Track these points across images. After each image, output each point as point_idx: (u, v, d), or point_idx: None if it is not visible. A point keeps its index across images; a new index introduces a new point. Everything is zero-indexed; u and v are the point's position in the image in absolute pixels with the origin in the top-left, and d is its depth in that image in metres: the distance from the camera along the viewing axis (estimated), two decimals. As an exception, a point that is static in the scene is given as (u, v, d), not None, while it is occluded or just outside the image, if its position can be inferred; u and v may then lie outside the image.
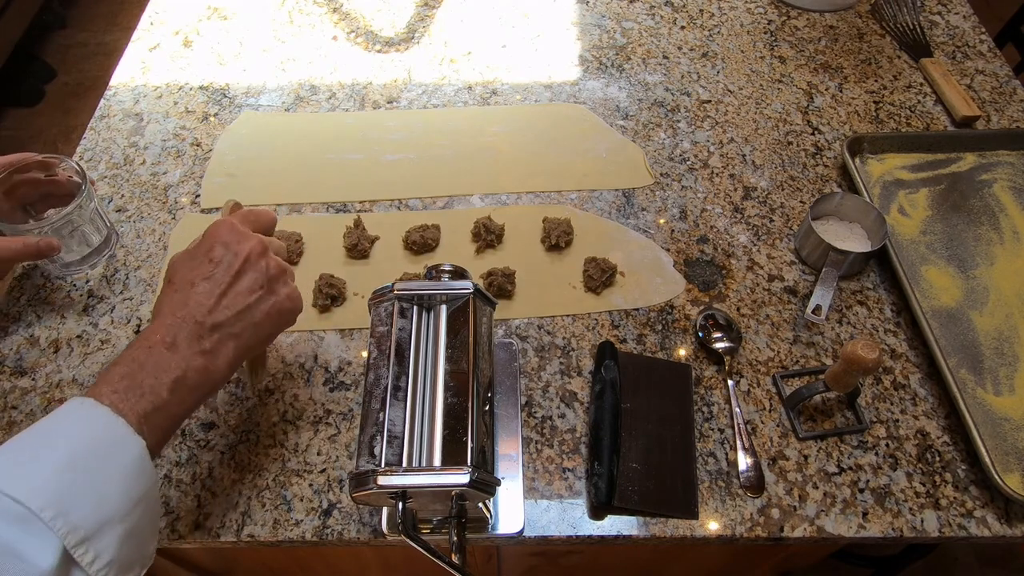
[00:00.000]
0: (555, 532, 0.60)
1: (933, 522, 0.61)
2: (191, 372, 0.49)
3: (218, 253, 0.53)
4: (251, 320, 0.53)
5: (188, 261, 0.53)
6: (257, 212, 0.59)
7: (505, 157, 0.87)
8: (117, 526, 0.43)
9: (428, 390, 0.52)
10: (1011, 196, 0.82)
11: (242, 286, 0.53)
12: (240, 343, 0.52)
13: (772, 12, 1.04)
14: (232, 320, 0.52)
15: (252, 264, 0.53)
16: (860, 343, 0.58)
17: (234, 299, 0.52)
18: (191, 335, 0.50)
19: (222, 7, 1.05)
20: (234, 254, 0.53)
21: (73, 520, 0.40)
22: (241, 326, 0.52)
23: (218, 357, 0.51)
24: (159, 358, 0.48)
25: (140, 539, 0.45)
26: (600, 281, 0.74)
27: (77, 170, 0.71)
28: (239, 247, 0.53)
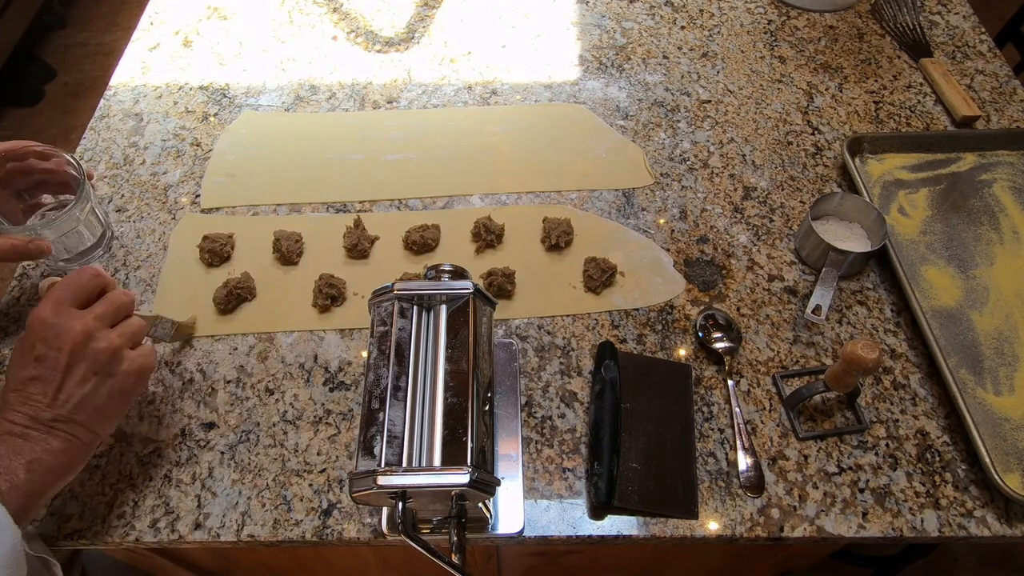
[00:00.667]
0: (555, 532, 0.60)
1: (933, 522, 0.61)
2: (47, 454, 0.50)
3: (40, 351, 0.52)
4: (95, 404, 0.53)
5: (18, 359, 0.53)
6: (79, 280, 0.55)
7: (505, 157, 0.87)
8: None
9: (428, 390, 0.52)
10: (1011, 196, 0.82)
11: (74, 379, 0.52)
12: (90, 427, 0.53)
13: (772, 12, 1.04)
14: (75, 410, 0.52)
15: (79, 355, 0.52)
16: (860, 343, 0.58)
17: (70, 393, 0.52)
18: (40, 429, 0.51)
19: (222, 7, 1.05)
20: (57, 349, 0.52)
21: None
22: (86, 413, 0.53)
23: (73, 443, 0.52)
24: (11, 445, 0.50)
25: None
26: (600, 281, 0.74)
27: (75, 165, 0.69)
28: (60, 341, 0.52)
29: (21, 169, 0.68)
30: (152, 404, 0.67)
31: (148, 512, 0.61)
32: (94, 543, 0.60)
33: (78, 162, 0.70)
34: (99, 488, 0.62)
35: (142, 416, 0.66)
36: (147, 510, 0.61)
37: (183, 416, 0.66)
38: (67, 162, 0.70)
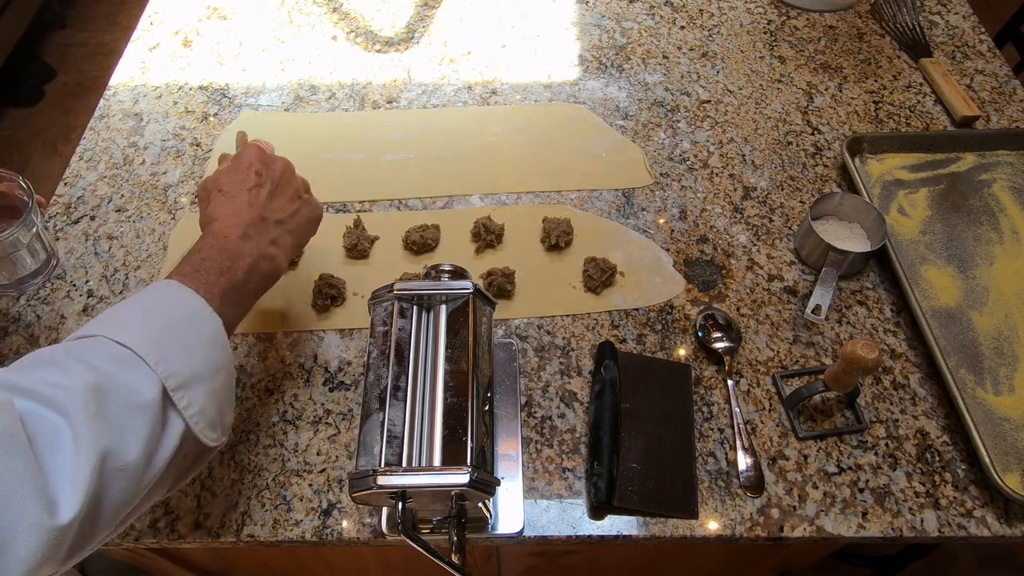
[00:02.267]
0: (555, 532, 0.60)
1: (933, 522, 0.61)
2: (262, 260, 0.56)
3: (260, 168, 0.60)
4: (297, 221, 0.61)
5: (232, 175, 0.59)
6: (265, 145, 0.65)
7: (505, 157, 0.87)
8: (204, 383, 0.49)
9: (428, 390, 0.52)
10: (1011, 196, 0.82)
11: (286, 195, 0.61)
12: (294, 239, 0.61)
13: (772, 12, 1.04)
14: (288, 219, 0.60)
15: (288, 179, 0.62)
16: (860, 343, 0.58)
17: (283, 204, 0.60)
18: (260, 228, 0.57)
19: (222, 7, 1.05)
20: (273, 170, 0.61)
21: (171, 368, 0.46)
22: (294, 223, 0.61)
23: (282, 248, 0.59)
24: (236, 247, 0.55)
25: (220, 403, 0.51)
26: (600, 281, 0.74)
27: (26, 190, 0.68)
28: (274, 166, 0.61)
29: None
30: (152, 404, 0.67)
31: (148, 512, 0.61)
32: (94, 543, 0.60)
33: (30, 188, 0.68)
34: (99, 488, 0.62)
35: (142, 416, 0.66)
36: (147, 511, 0.61)
37: (183, 416, 0.66)
38: (19, 186, 0.69)
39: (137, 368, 0.45)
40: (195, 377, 0.48)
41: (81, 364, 0.44)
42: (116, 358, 0.45)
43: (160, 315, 0.49)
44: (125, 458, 0.43)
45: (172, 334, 0.48)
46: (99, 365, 0.44)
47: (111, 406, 0.43)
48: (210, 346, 0.50)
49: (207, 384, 0.49)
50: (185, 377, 0.47)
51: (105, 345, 0.46)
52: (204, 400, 0.48)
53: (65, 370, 0.43)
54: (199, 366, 0.48)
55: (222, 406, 0.51)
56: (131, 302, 0.51)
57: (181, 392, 0.47)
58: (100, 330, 0.47)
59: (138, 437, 0.44)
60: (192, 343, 0.49)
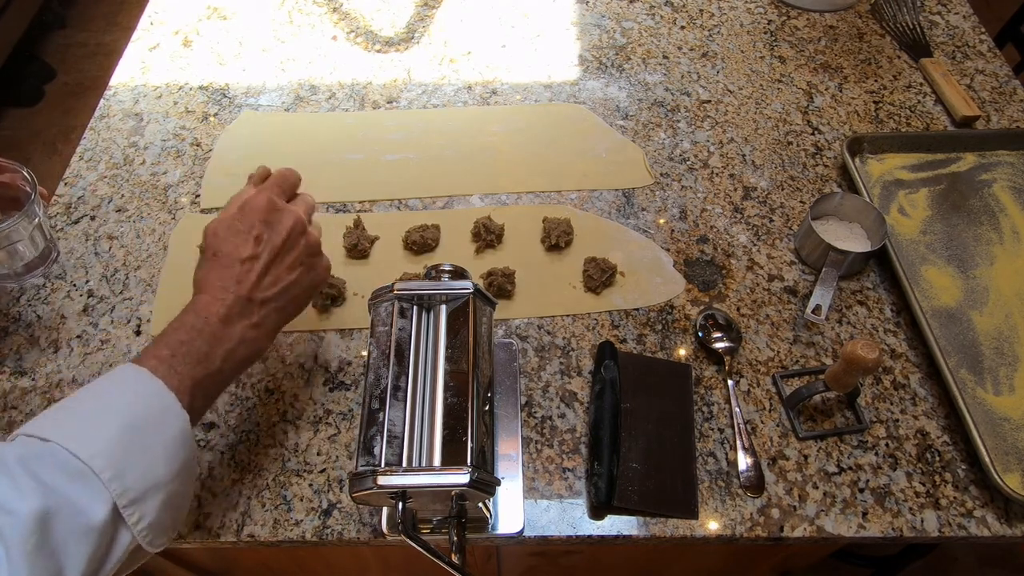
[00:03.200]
0: (555, 532, 0.60)
1: (933, 522, 0.61)
2: (242, 345, 0.53)
3: (261, 231, 0.55)
4: (292, 294, 0.57)
5: (232, 236, 0.55)
6: (285, 175, 0.60)
7: (505, 157, 0.87)
8: (160, 492, 0.46)
9: (428, 390, 0.52)
10: (1011, 196, 0.82)
11: (285, 264, 0.56)
12: (283, 315, 0.57)
13: (772, 12, 1.04)
14: (278, 295, 0.55)
15: (293, 242, 0.56)
16: (860, 343, 0.58)
17: (278, 276, 0.55)
18: (243, 310, 0.53)
19: (222, 7, 1.05)
20: (276, 233, 0.55)
21: (126, 483, 0.44)
22: (285, 299, 0.56)
23: (266, 329, 0.55)
24: (215, 330, 0.52)
25: (176, 506, 0.49)
26: (600, 281, 0.74)
27: (29, 181, 0.68)
28: (280, 225, 0.56)
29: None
30: (152, 404, 0.67)
31: (148, 512, 0.61)
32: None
33: (33, 179, 0.68)
34: (99, 488, 0.62)
35: (142, 416, 0.66)
36: (147, 510, 0.61)
37: (183, 416, 0.66)
38: (23, 177, 0.68)
39: (89, 484, 0.43)
40: (153, 488, 0.46)
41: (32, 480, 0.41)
42: (69, 473, 0.43)
43: (122, 415, 0.46)
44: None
45: (134, 440, 0.45)
46: (50, 482, 0.42)
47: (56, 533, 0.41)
48: (174, 448, 0.47)
49: (164, 492, 0.46)
50: (140, 491, 0.45)
51: (59, 456, 0.43)
52: (157, 512, 0.46)
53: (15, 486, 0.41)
54: (159, 474, 0.46)
55: (176, 512, 0.49)
56: (94, 395, 0.48)
57: (133, 508, 0.44)
58: (56, 434, 0.44)
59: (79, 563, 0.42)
60: (155, 448, 0.46)
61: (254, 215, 0.55)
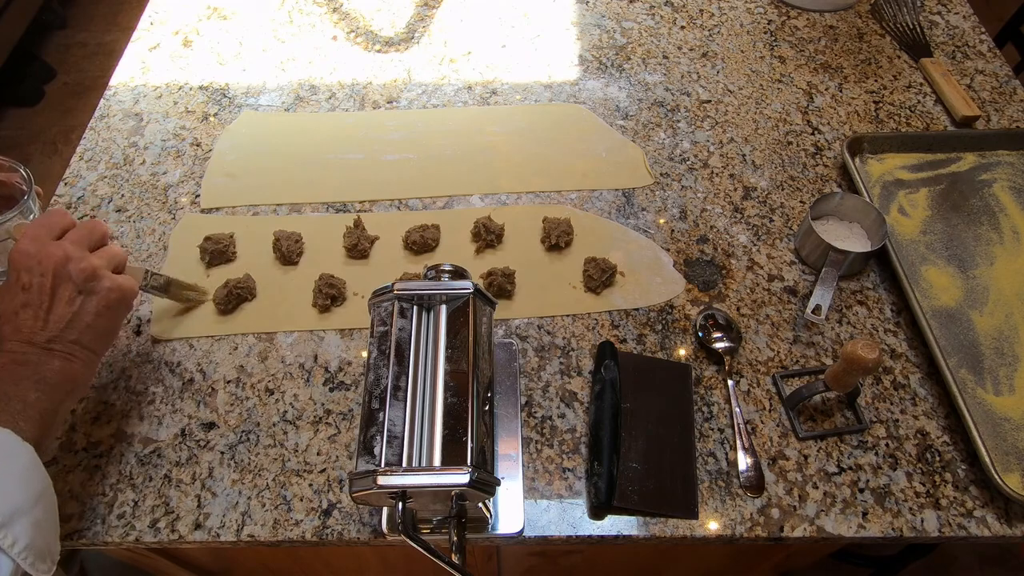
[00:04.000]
0: (555, 532, 0.60)
1: (933, 522, 0.61)
2: (51, 373, 0.54)
3: (25, 280, 0.55)
4: (84, 322, 0.56)
5: (5, 294, 0.56)
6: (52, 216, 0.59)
7: (505, 157, 0.87)
8: (25, 516, 0.48)
9: (428, 390, 0.52)
10: (1011, 196, 0.82)
11: (61, 299, 0.56)
12: (85, 342, 0.56)
13: (772, 12, 1.04)
14: (65, 330, 0.55)
15: (61, 276, 0.56)
16: (860, 343, 0.58)
17: (59, 314, 0.55)
18: (37, 352, 0.54)
19: (222, 7, 1.05)
20: (40, 275, 0.55)
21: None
22: (77, 331, 0.56)
23: (73, 360, 0.55)
24: (14, 371, 0.53)
25: (46, 532, 0.50)
26: (600, 281, 0.74)
27: (26, 179, 0.68)
28: (42, 267, 0.55)
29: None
30: (152, 404, 0.67)
31: (148, 512, 0.61)
32: (94, 543, 0.60)
33: (30, 177, 0.68)
34: (99, 488, 0.62)
35: (142, 416, 0.66)
36: (147, 510, 0.61)
37: (183, 416, 0.66)
38: (20, 176, 0.68)
39: None
40: (16, 513, 0.47)
41: None
42: None
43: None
44: None
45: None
46: None
47: None
48: (26, 477, 0.49)
49: (29, 517, 0.48)
50: (4, 516, 0.46)
51: None
52: (30, 534, 0.48)
53: None
54: (19, 500, 0.48)
55: (48, 536, 0.50)
56: None
57: (4, 531, 0.46)
58: None
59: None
60: (6, 480, 0.48)
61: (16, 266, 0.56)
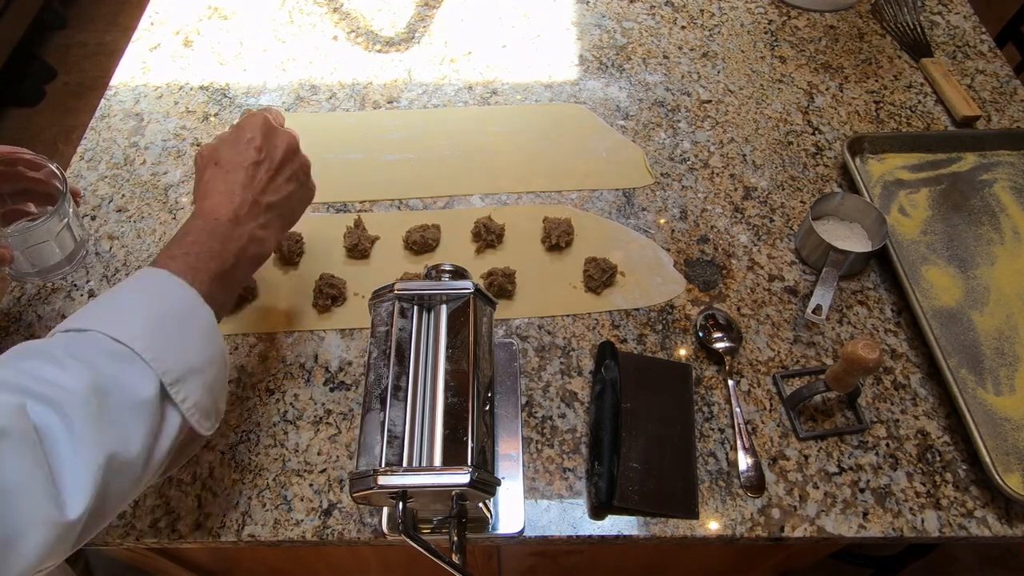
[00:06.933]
0: (555, 532, 0.60)
1: (933, 522, 0.61)
2: (252, 244, 0.56)
3: (262, 143, 0.58)
4: (290, 205, 0.61)
5: (232, 146, 0.58)
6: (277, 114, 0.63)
7: (505, 157, 0.87)
8: (199, 375, 0.49)
9: (428, 390, 0.52)
10: (1011, 196, 0.82)
11: (284, 175, 0.60)
12: (283, 222, 0.61)
13: (772, 12, 1.04)
14: (281, 202, 0.59)
15: (289, 158, 0.60)
16: (860, 343, 0.58)
17: (280, 185, 0.59)
18: (251, 211, 0.56)
19: (222, 7, 1.05)
20: (274, 146, 0.59)
21: (167, 364, 0.47)
22: (288, 208, 0.60)
23: (271, 231, 0.58)
24: (226, 230, 0.54)
25: (214, 393, 0.51)
26: (600, 281, 0.74)
27: (61, 178, 0.67)
28: (277, 140, 0.60)
29: (8, 175, 0.68)
30: (152, 404, 0.67)
31: (148, 512, 0.61)
32: (94, 542, 0.60)
33: (64, 177, 0.68)
34: (99, 488, 0.62)
35: (142, 416, 0.66)
36: (147, 510, 0.61)
37: (183, 416, 0.66)
38: (55, 175, 0.68)
39: (134, 365, 0.45)
40: (190, 371, 0.48)
41: (79, 362, 0.44)
42: (113, 355, 0.45)
43: (154, 308, 0.49)
44: (127, 455, 0.43)
45: (167, 328, 0.48)
46: (97, 363, 0.44)
47: (111, 406, 0.43)
48: (204, 338, 0.50)
49: (202, 376, 0.49)
50: (181, 372, 0.47)
51: (101, 341, 0.45)
52: (200, 392, 0.49)
53: (64, 367, 0.43)
54: (194, 360, 0.49)
55: (216, 396, 0.51)
56: (122, 294, 0.50)
57: (178, 387, 0.47)
58: (94, 324, 0.46)
59: (138, 435, 0.44)
60: (187, 337, 0.49)
61: (252, 130, 0.58)
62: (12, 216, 0.70)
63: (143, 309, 0.48)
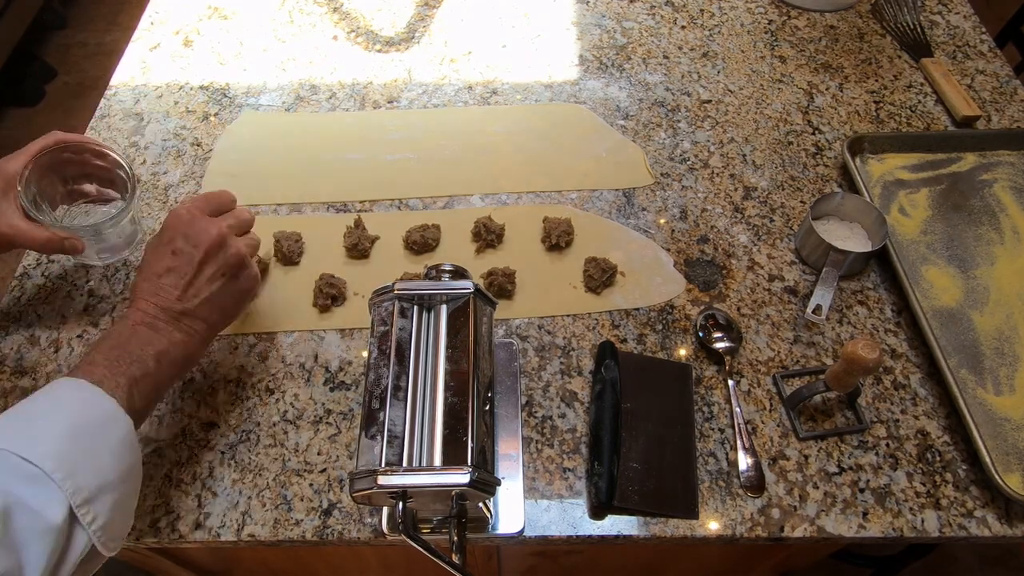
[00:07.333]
0: (555, 532, 0.60)
1: (933, 522, 0.61)
2: (173, 346, 0.55)
3: (179, 245, 0.57)
4: (217, 304, 0.58)
5: (154, 251, 0.58)
6: (215, 195, 0.62)
7: (505, 157, 0.87)
8: (110, 493, 0.47)
9: (428, 390, 0.52)
10: (1011, 196, 0.82)
11: (204, 276, 0.57)
12: (210, 324, 0.58)
13: (772, 12, 1.04)
14: (200, 306, 0.57)
15: (212, 256, 0.57)
16: (860, 343, 0.58)
17: (199, 288, 0.57)
18: (167, 319, 0.56)
19: (222, 7, 1.05)
20: (194, 246, 0.57)
21: (78, 483, 0.45)
22: (208, 310, 0.58)
23: (194, 336, 0.57)
24: (143, 335, 0.54)
25: (125, 510, 0.50)
26: (600, 281, 0.74)
27: (126, 169, 0.68)
28: (198, 239, 0.57)
29: (76, 161, 0.68)
30: (152, 404, 0.67)
31: (148, 512, 0.61)
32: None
33: (130, 168, 0.68)
34: (99, 488, 0.62)
35: (142, 416, 0.66)
36: (147, 510, 0.61)
37: (183, 416, 0.66)
38: (119, 164, 0.69)
39: (44, 487, 0.44)
40: (102, 488, 0.47)
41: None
42: (23, 476, 0.44)
43: (68, 423, 0.47)
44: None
45: (80, 444, 0.47)
46: (5, 485, 0.43)
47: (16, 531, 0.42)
48: (120, 451, 0.49)
49: (114, 494, 0.48)
50: (92, 491, 0.46)
51: (9, 460, 0.44)
52: (110, 512, 0.47)
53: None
54: (108, 475, 0.47)
55: (126, 511, 0.51)
56: (36, 405, 0.49)
57: (87, 507, 0.46)
58: (5, 442, 0.45)
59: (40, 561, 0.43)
60: (101, 451, 0.48)
61: (173, 229, 0.57)
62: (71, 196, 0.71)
63: (56, 424, 0.47)
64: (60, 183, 0.69)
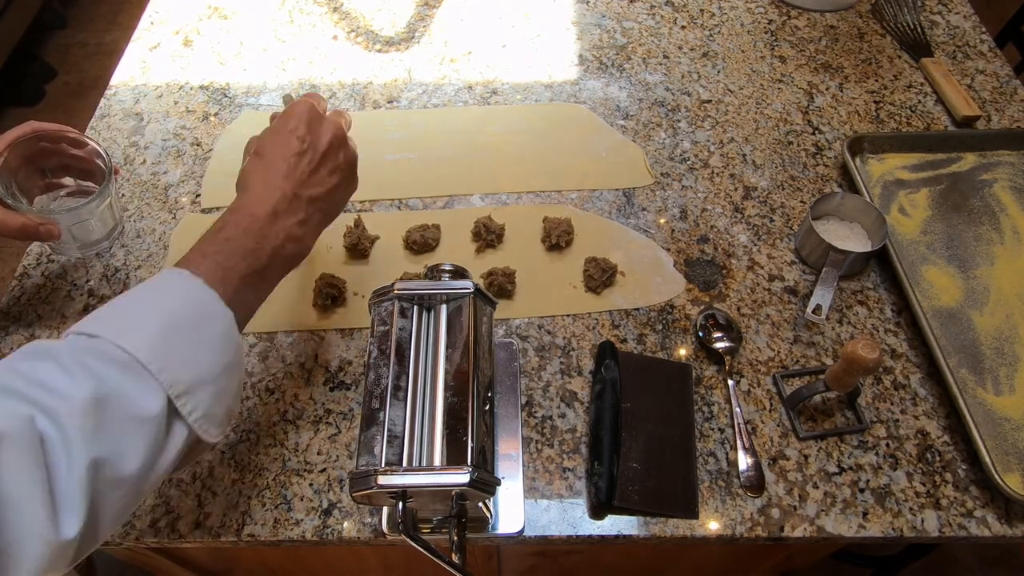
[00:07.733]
0: (555, 532, 0.60)
1: (933, 522, 0.61)
2: (289, 242, 0.53)
3: (305, 132, 0.56)
4: (333, 199, 0.58)
5: (275, 135, 0.56)
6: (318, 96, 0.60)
7: (505, 157, 0.87)
8: (210, 385, 0.47)
9: (428, 390, 0.52)
10: (1011, 196, 0.82)
11: (327, 167, 0.57)
12: (324, 219, 0.57)
13: (772, 12, 1.04)
14: (324, 196, 0.56)
15: (335, 149, 0.57)
16: (860, 343, 0.58)
17: (323, 178, 0.56)
18: (290, 206, 0.54)
19: (222, 7, 1.05)
20: (318, 136, 0.56)
21: (175, 376, 0.45)
22: (330, 203, 0.57)
23: (310, 228, 0.56)
24: (261, 226, 0.52)
25: (227, 401, 0.49)
26: (600, 281, 0.74)
27: (104, 158, 0.69)
28: (323, 130, 0.57)
29: (52, 150, 0.68)
30: (152, 404, 0.67)
31: (148, 512, 0.61)
32: (94, 543, 0.60)
33: (108, 156, 0.69)
34: (99, 488, 0.62)
35: (142, 416, 0.66)
36: (147, 510, 0.61)
37: (183, 416, 0.66)
38: (97, 154, 0.69)
39: (139, 377, 0.44)
40: (200, 381, 0.46)
41: (83, 370, 0.42)
42: (118, 364, 0.43)
43: (166, 314, 0.46)
44: (124, 471, 0.42)
45: (178, 336, 0.46)
46: (103, 373, 0.42)
47: (113, 419, 0.42)
48: (219, 345, 0.48)
49: (213, 386, 0.47)
50: (189, 383, 0.45)
51: (108, 349, 0.44)
52: (209, 403, 0.47)
53: (68, 373, 0.42)
54: (205, 369, 0.47)
55: (230, 403, 0.49)
56: (137, 296, 0.48)
57: (185, 399, 0.45)
58: (103, 330, 0.45)
59: (138, 450, 0.43)
60: (200, 344, 0.47)
61: (298, 119, 0.56)
62: (49, 188, 0.71)
63: (155, 316, 0.46)
64: (38, 175, 0.69)
